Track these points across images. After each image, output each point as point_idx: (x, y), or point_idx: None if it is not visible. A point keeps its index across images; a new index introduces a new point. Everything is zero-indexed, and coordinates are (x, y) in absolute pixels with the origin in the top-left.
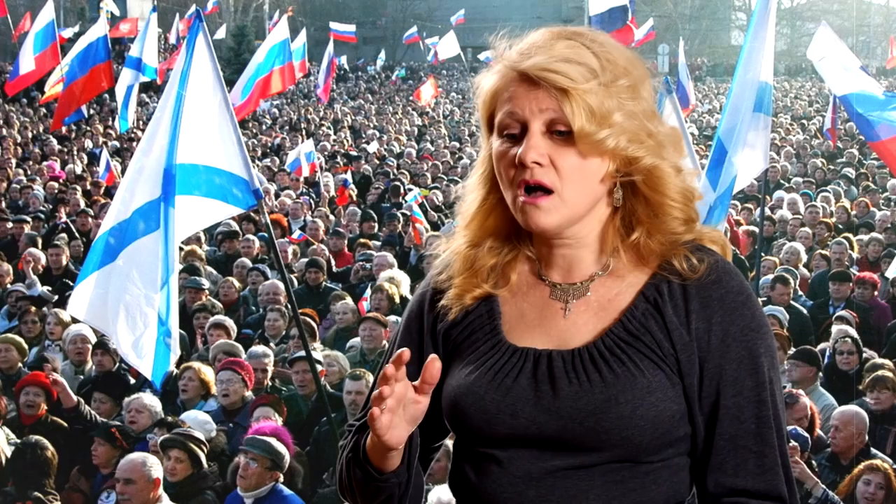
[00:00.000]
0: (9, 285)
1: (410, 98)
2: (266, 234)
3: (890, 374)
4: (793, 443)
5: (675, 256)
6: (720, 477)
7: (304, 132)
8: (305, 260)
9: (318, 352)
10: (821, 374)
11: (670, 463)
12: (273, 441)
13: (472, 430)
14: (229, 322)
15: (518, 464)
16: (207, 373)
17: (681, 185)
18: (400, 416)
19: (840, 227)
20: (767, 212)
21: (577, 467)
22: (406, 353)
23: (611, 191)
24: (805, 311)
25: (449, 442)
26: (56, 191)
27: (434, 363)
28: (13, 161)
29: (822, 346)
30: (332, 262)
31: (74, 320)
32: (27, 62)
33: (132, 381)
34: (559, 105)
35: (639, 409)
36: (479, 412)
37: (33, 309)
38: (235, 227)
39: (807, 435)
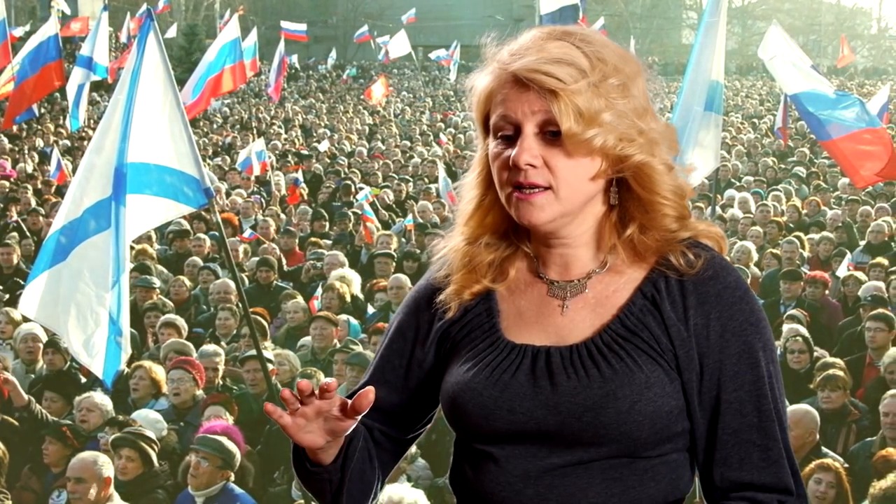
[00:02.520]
0: None
1: (361, 97)
2: (217, 233)
3: (840, 373)
4: None
5: (671, 253)
6: (725, 471)
7: (255, 131)
8: (256, 259)
9: (269, 350)
10: None
11: (668, 459)
12: (224, 440)
13: (471, 426)
14: (180, 321)
15: (516, 462)
16: (158, 371)
17: (672, 183)
18: (318, 425)
19: (791, 225)
20: (718, 210)
21: (576, 464)
22: (333, 384)
23: (606, 189)
24: None
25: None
26: (7, 189)
27: (367, 394)
28: None
29: None
30: (283, 261)
31: (25, 319)
32: None
33: (83, 379)
34: (549, 106)
35: (637, 404)
36: (477, 408)
37: None
38: (186, 225)
39: None
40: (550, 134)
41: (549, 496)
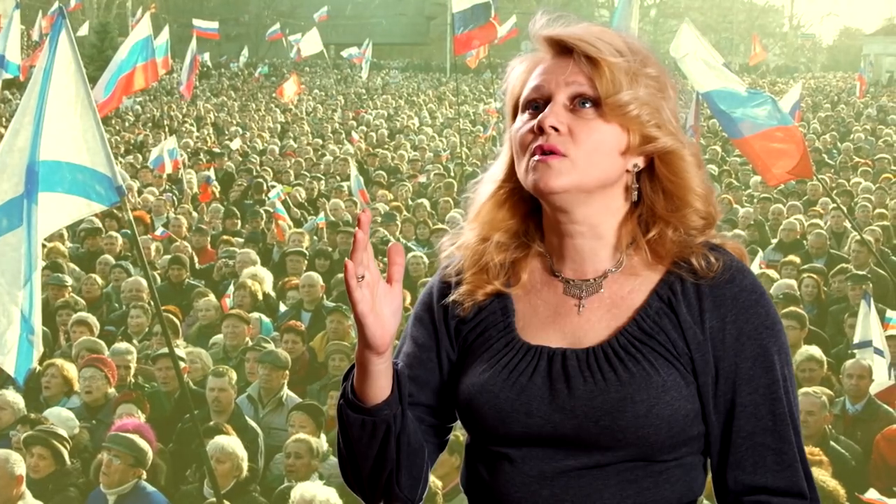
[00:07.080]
0: None
1: (273, 95)
2: (129, 231)
3: None
4: None
5: (693, 254)
6: (739, 475)
7: (167, 129)
8: (168, 257)
9: (181, 349)
10: None
11: (683, 462)
12: (136, 438)
13: (487, 428)
14: (92, 319)
15: (532, 463)
16: (70, 370)
17: (701, 178)
18: (379, 302)
19: None
20: None
21: (592, 466)
22: (361, 232)
23: (628, 188)
24: None
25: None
26: None
27: (396, 245)
28: None
29: None
30: (195, 259)
31: None
32: None
33: None
34: (587, 77)
35: (654, 407)
36: (493, 411)
37: None
38: (98, 223)
39: None
40: (581, 103)
41: (564, 497)
